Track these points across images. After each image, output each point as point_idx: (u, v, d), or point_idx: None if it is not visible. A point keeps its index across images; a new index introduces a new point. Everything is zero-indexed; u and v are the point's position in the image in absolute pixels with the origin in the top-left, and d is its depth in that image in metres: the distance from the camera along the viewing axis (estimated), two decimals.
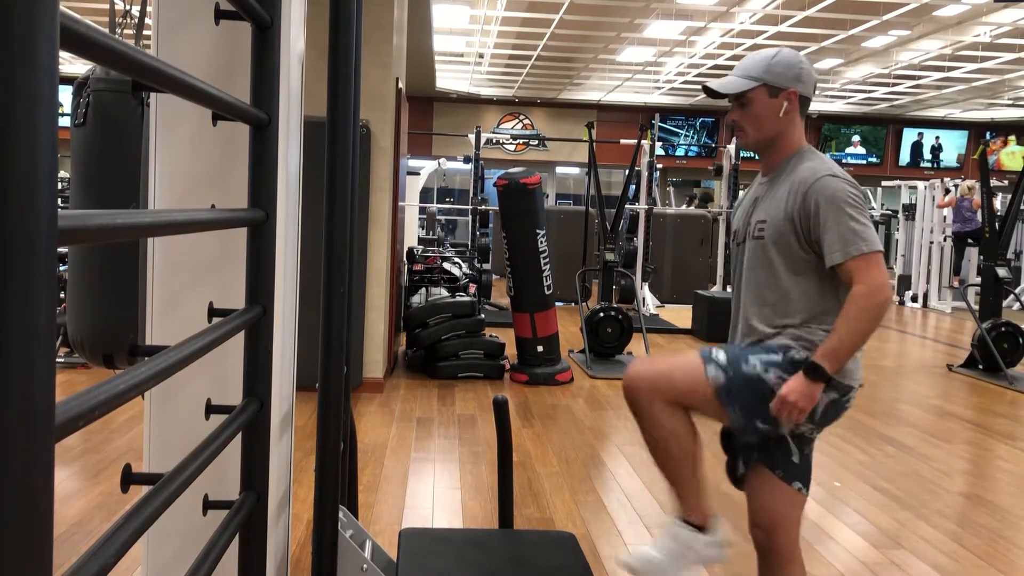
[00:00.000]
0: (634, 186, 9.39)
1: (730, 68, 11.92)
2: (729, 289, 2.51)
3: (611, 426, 5.29)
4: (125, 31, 2.53)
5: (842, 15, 10.63)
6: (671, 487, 2.29)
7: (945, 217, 12.35)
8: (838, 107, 18.24)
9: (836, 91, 16.21)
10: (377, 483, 4.00)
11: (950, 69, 13.70)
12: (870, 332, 2.06)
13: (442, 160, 12.43)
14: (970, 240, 12.24)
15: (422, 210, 12.90)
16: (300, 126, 1.79)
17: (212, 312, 1.46)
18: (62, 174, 9.13)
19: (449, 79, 16.35)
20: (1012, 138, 18.75)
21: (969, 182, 12.25)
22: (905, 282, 13.18)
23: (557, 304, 7.03)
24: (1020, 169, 9.26)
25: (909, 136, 19.50)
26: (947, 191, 12.37)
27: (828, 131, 19.07)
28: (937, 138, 19.38)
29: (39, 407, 0.59)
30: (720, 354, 2.16)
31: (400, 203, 6.91)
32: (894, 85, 15.33)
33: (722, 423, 2.28)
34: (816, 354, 2.06)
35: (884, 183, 15.50)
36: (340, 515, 1.97)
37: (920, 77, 14.56)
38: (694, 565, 2.25)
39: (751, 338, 2.21)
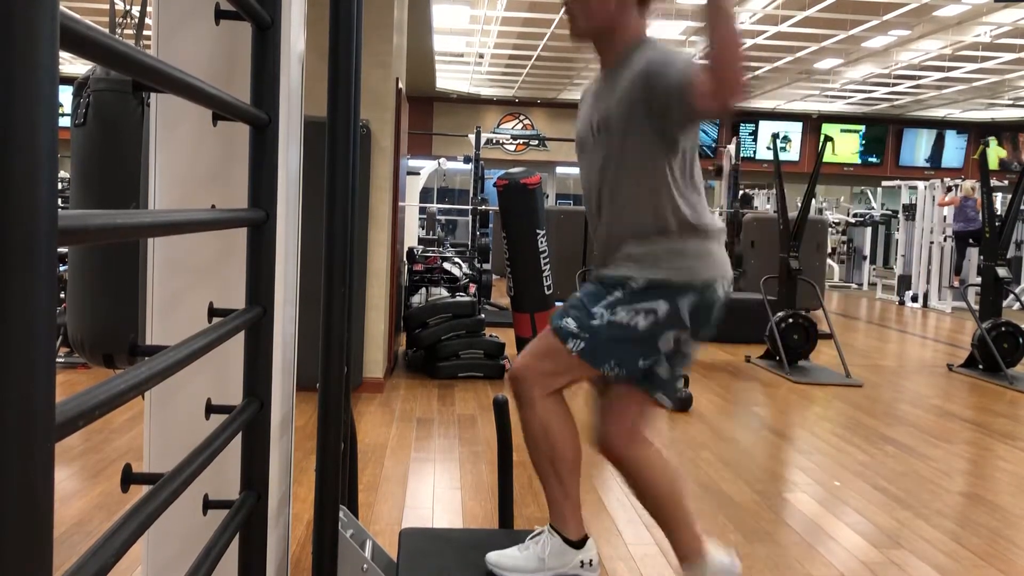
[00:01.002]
0: None
1: None
2: (730, 289, 2.49)
3: None
4: (125, 31, 2.54)
5: (842, 15, 10.63)
6: (545, 491, 2.25)
7: (945, 217, 12.35)
8: (838, 107, 18.25)
9: (836, 91, 16.22)
10: (377, 483, 4.00)
11: (950, 69, 13.71)
12: (732, 49, 1.83)
13: (442, 160, 12.43)
14: (971, 240, 12.24)
15: (422, 210, 12.91)
16: (300, 126, 1.79)
17: (212, 312, 1.46)
18: (62, 174, 9.13)
19: (449, 79, 16.36)
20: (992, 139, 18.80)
21: (971, 182, 12.25)
22: (905, 282, 13.18)
23: (557, 304, 7.02)
24: (994, 169, 9.25)
25: (909, 136, 19.50)
26: (949, 189, 12.37)
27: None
28: (941, 137, 19.38)
29: (39, 407, 0.59)
30: (569, 321, 2.12)
31: (400, 203, 6.91)
32: (894, 85, 15.33)
33: (610, 383, 2.24)
34: None
35: (884, 183, 15.50)
36: (340, 515, 1.97)
37: (920, 77, 14.56)
38: (545, 573, 2.20)
39: (601, 259, 2.19)
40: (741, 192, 15.69)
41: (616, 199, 2.14)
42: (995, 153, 18.56)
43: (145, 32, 2.32)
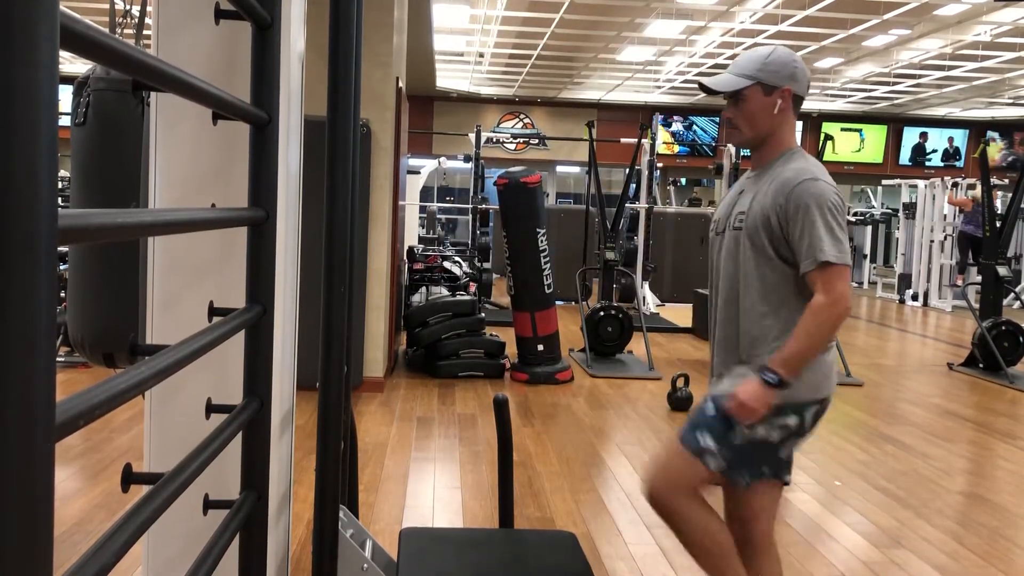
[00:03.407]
0: (634, 185, 9.38)
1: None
2: None
3: (611, 425, 5.29)
4: (125, 31, 2.54)
5: (842, 14, 10.62)
6: None
7: (946, 216, 12.34)
8: (839, 106, 18.24)
9: (836, 90, 16.21)
10: (377, 482, 4.00)
11: (950, 68, 13.70)
12: (825, 343, 2.12)
13: (442, 159, 12.42)
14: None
15: (422, 209, 12.90)
16: (300, 125, 1.79)
17: (212, 311, 1.46)
18: (62, 173, 9.13)
19: (449, 78, 16.35)
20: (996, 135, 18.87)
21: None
22: (905, 280, 13.18)
23: (557, 303, 7.03)
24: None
25: (909, 135, 19.49)
26: (955, 184, 12.36)
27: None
28: (950, 139, 19.38)
29: (39, 406, 0.59)
30: (707, 439, 2.18)
31: (400, 202, 6.91)
32: (894, 84, 15.33)
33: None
34: (772, 359, 2.10)
35: (884, 182, 15.49)
36: (340, 514, 1.97)
37: (920, 76, 14.56)
38: None
39: (725, 367, 2.27)
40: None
41: (748, 295, 2.21)
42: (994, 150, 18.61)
43: (145, 32, 2.32)
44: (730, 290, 2.25)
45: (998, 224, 7.49)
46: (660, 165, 12.04)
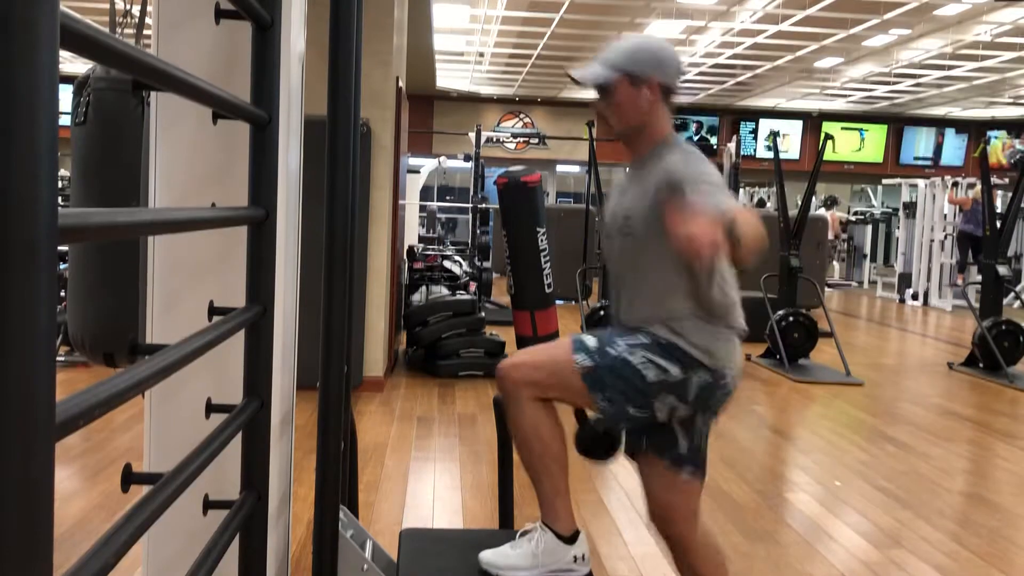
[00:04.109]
0: None
1: (730, 67, 11.93)
2: None
3: None
4: (125, 31, 2.53)
5: (843, 14, 10.63)
6: (536, 490, 2.26)
7: (946, 216, 12.34)
8: (839, 105, 18.24)
9: (837, 90, 16.21)
10: (378, 482, 4.00)
11: (951, 68, 13.70)
12: (757, 238, 1.91)
13: (442, 158, 12.43)
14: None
15: (422, 208, 12.90)
16: (300, 125, 1.79)
17: (212, 311, 1.46)
18: (62, 173, 9.13)
19: (449, 78, 16.35)
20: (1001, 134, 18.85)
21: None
22: (906, 280, 13.18)
23: (558, 302, 7.02)
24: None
25: (910, 134, 19.49)
26: (955, 184, 12.36)
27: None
28: (940, 135, 19.38)
29: (39, 406, 0.59)
30: (590, 339, 2.15)
31: (400, 201, 6.90)
32: (895, 84, 15.33)
33: (592, 411, 2.26)
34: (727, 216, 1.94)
35: (884, 181, 15.48)
36: (340, 515, 1.97)
37: (921, 76, 14.56)
38: (542, 572, 2.20)
39: (622, 318, 2.22)
40: (757, 197, 15.74)
41: (642, 288, 2.18)
42: (995, 152, 18.60)
43: (145, 31, 2.32)
44: (634, 291, 2.20)
45: (998, 223, 7.49)
46: None
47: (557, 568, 2.21)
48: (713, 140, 18.54)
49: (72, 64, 9.62)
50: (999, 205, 11.30)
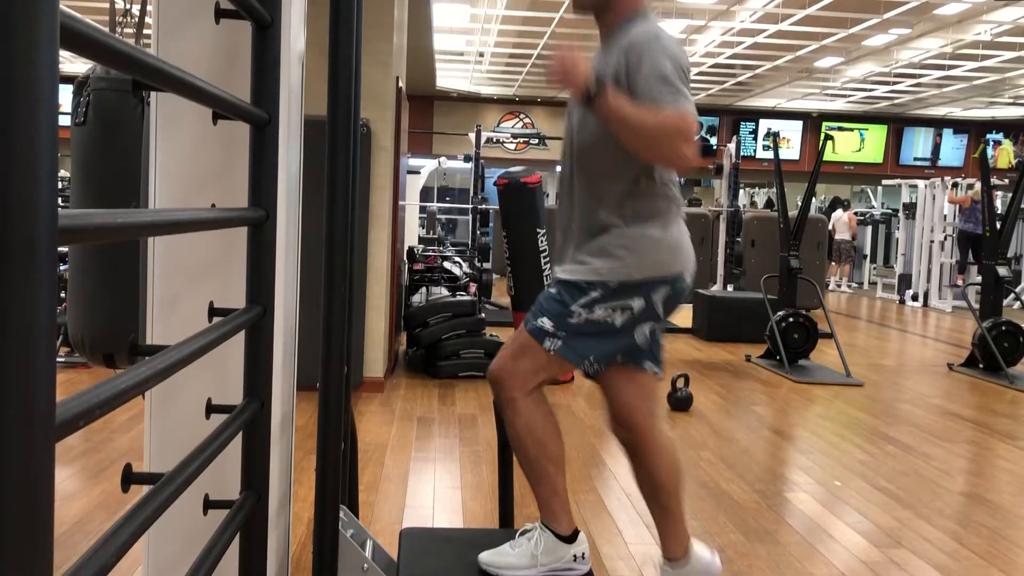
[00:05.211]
0: None
1: (730, 67, 11.92)
2: (731, 288, 2.52)
3: None
4: (125, 30, 2.54)
5: (842, 14, 10.63)
6: (533, 488, 2.28)
7: (946, 216, 12.35)
8: (839, 105, 18.24)
9: (837, 90, 16.21)
10: (378, 482, 4.00)
11: (951, 67, 13.70)
12: (651, 142, 1.99)
13: (442, 159, 12.42)
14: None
15: (422, 209, 12.89)
16: (300, 125, 1.79)
17: (212, 312, 1.46)
18: (62, 173, 9.13)
19: (449, 78, 16.36)
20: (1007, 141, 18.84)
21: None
22: (906, 281, 13.18)
23: None
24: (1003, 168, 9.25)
25: (909, 135, 19.49)
26: (955, 184, 12.36)
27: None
28: (938, 136, 19.37)
29: (39, 407, 0.59)
30: (544, 321, 2.17)
31: (400, 202, 6.90)
32: (895, 84, 15.33)
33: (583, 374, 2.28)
34: (613, 92, 2.00)
35: (884, 182, 15.47)
36: (341, 515, 1.97)
37: (921, 75, 14.56)
38: (540, 569, 2.21)
39: (564, 259, 2.22)
40: (758, 198, 15.78)
41: (589, 166, 2.19)
42: (1006, 153, 18.61)
43: (145, 31, 2.32)
44: (586, 161, 2.20)
45: (998, 224, 7.49)
46: None
47: (557, 567, 2.22)
48: (713, 140, 18.54)
49: (72, 64, 9.63)
50: (999, 206, 11.30)
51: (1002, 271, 7.40)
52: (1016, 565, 3.30)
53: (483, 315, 6.84)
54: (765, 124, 19.05)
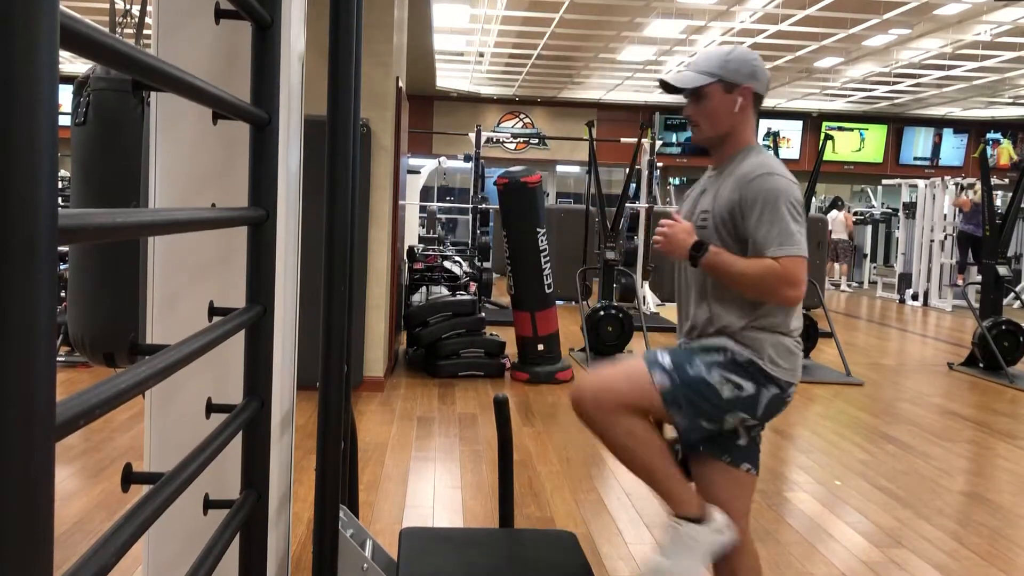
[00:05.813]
0: (634, 185, 9.38)
1: None
2: None
3: None
4: (125, 30, 2.54)
5: (842, 14, 10.63)
6: (652, 489, 2.28)
7: (946, 216, 12.34)
8: (839, 105, 18.23)
9: (836, 89, 16.21)
10: (378, 482, 4.00)
11: (950, 67, 13.70)
12: (753, 291, 2.11)
13: (442, 159, 12.42)
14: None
15: (422, 209, 12.90)
16: (300, 125, 1.79)
17: (212, 311, 1.46)
18: (62, 173, 9.13)
19: (449, 78, 16.35)
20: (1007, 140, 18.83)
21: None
22: (906, 280, 13.18)
23: (558, 303, 7.03)
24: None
25: (909, 135, 19.49)
26: (962, 189, 12.37)
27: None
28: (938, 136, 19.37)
29: (39, 406, 0.59)
30: (665, 358, 2.18)
31: (400, 202, 6.91)
32: (894, 84, 15.33)
33: (667, 422, 2.28)
34: (715, 248, 2.12)
35: (884, 181, 15.46)
36: (341, 514, 1.97)
37: (920, 76, 14.56)
38: (706, 557, 2.23)
39: (695, 333, 2.25)
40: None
41: (717, 295, 2.21)
42: (1006, 151, 18.63)
43: (145, 31, 2.32)
44: (701, 290, 2.23)
45: (998, 224, 7.49)
46: (660, 165, 12.04)
47: (713, 547, 2.21)
48: None
49: (72, 64, 9.62)
50: (999, 205, 11.30)
51: (1002, 270, 7.40)
52: (1016, 565, 3.30)
53: (483, 314, 6.84)
54: (765, 124, 19.04)
